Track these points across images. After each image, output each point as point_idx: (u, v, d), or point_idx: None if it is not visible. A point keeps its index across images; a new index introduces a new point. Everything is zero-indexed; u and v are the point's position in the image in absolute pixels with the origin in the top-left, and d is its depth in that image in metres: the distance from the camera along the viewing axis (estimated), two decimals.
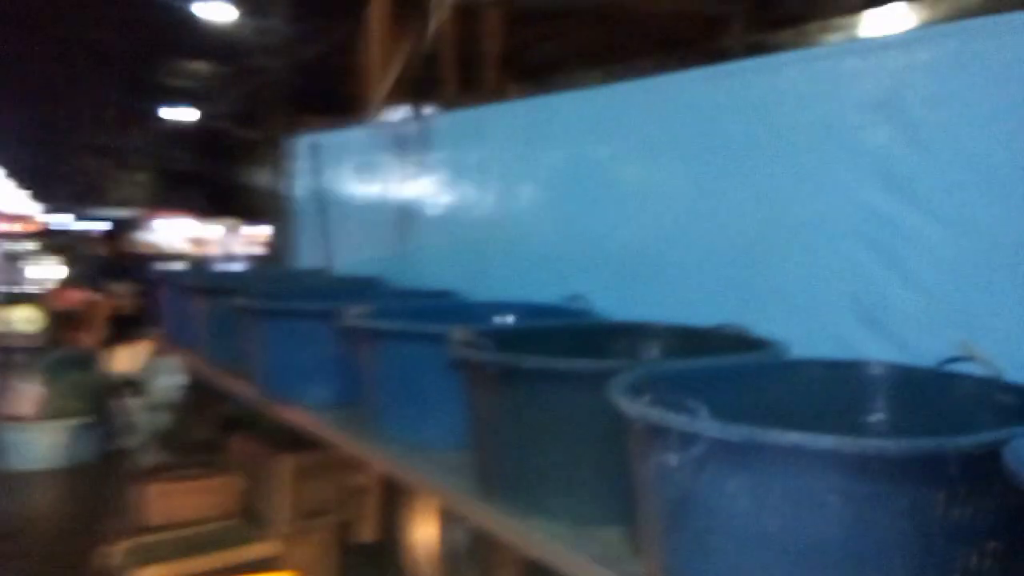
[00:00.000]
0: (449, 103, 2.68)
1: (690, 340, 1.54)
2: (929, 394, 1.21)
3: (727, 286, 1.66)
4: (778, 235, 1.57)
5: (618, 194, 1.94)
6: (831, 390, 1.26)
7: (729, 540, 0.89)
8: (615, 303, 1.87)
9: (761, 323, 1.48)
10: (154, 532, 2.67)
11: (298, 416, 1.97)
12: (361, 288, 2.55)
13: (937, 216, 1.33)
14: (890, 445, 0.83)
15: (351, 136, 3.28)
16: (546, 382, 1.23)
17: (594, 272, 1.97)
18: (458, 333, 1.32)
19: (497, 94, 2.46)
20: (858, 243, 1.43)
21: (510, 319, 1.91)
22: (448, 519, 1.88)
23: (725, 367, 1.23)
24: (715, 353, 1.33)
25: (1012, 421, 0.90)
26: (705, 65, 1.75)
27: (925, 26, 1.29)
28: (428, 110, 2.72)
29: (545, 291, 2.02)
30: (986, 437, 0.81)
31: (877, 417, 1.25)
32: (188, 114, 14.34)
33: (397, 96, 3.49)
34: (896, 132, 1.39)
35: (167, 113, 14.59)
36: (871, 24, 4.16)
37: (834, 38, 4.23)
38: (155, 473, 3.01)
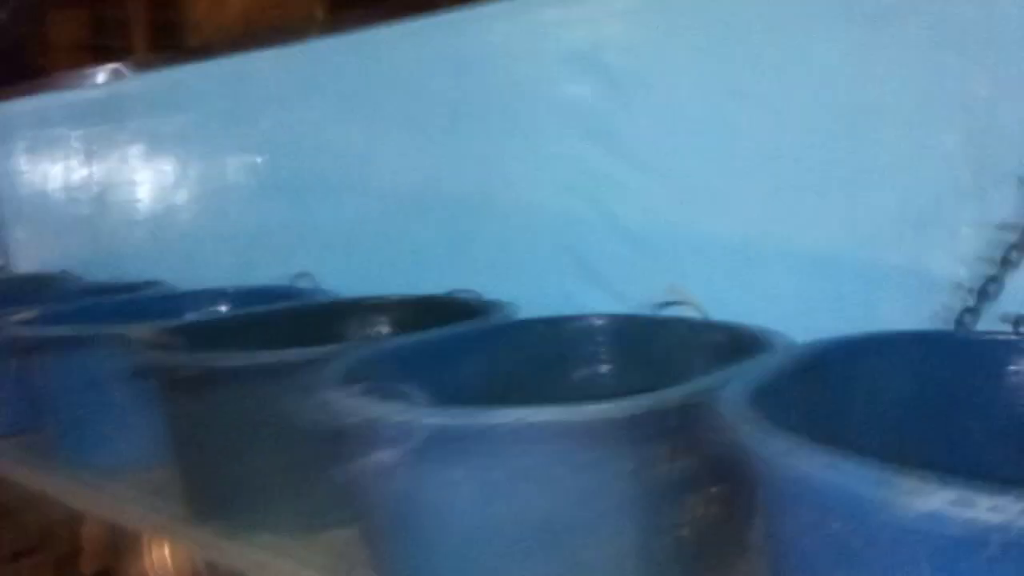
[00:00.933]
0: (141, 64, 2.34)
1: (416, 311, 1.44)
2: (648, 341, 1.21)
3: (453, 252, 1.58)
4: (496, 194, 1.51)
5: (332, 161, 1.78)
6: (557, 348, 1.23)
7: (454, 532, 0.80)
8: (342, 280, 1.72)
9: (490, 286, 1.42)
10: None
11: None
12: (37, 287, 2.17)
13: (640, 165, 1.32)
14: (612, 407, 0.75)
15: (25, 107, 2.79)
16: (238, 380, 1.04)
17: (317, 248, 1.82)
18: (135, 333, 1.12)
19: (196, 53, 2.18)
20: (571, 197, 1.40)
21: (219, 307, 1.70)
22: (165, 547, 1.66)
23: (442, 338, 1.14)
24: (444, 323, 1.24)
25: (723, 358, 0.91)
26: (411, 17, 1.63)
27: None
28: (115, 73, 2.36)
29: (266, 273, 1.83)
30: (699, 385, 0.78)
31: (603, 369, 1.24)
32: None
33: (80, 59, 3.04)
34: (599, 84, 1.36)
35: None
36: None
37: None
38: None
